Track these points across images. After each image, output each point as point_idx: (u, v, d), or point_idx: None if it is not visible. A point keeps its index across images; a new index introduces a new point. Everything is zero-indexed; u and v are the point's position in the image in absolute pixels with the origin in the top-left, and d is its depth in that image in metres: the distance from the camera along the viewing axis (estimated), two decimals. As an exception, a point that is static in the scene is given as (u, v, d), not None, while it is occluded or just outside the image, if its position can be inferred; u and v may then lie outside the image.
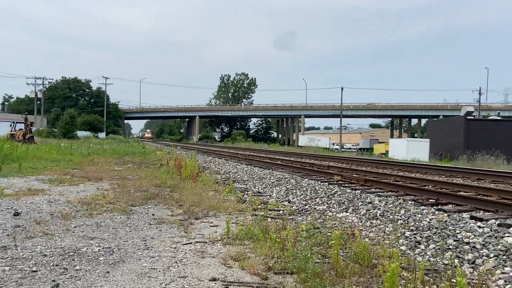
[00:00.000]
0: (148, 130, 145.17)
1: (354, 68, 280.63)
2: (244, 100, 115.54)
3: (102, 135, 70.61)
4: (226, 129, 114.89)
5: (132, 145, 39.21)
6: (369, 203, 7.20)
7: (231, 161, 19.43)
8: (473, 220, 5.61)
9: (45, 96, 76.27)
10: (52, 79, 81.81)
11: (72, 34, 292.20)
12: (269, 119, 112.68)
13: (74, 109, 66.13)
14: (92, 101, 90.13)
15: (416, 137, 75.71)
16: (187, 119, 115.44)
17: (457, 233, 5.24)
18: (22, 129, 35.03)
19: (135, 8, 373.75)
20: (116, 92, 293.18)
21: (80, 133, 60.83)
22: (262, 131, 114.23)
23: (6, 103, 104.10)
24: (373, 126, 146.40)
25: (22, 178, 11.40)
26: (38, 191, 8.92)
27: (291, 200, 8.69)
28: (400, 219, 6.11)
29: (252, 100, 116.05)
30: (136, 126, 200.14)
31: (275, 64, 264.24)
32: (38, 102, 71.58)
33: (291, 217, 7.03)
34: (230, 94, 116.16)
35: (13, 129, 36.45)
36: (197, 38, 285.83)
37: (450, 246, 4.97)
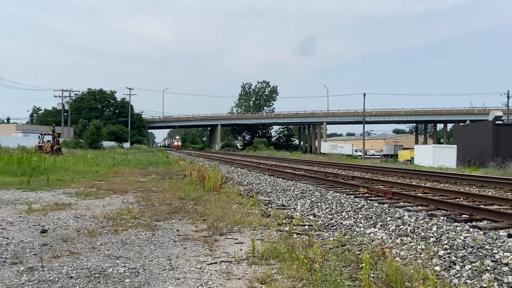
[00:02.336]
0: (177, 137, 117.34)
1: (377, 74, 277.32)
2: (265, 108, 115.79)
3: (126, 145, 71.91)
4: (248, 137, 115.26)
5: (155, 154, 39.73)
6: (398, 218, 6.96)
7: (253, 171, 19.35)
8: (511, 239, 5.32)
9: (71, 108, 78.56)
10: (79, 91, 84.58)
11: (97, 46, 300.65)
12: (290, 126, 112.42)
13: (99, 119, 67.80)
14: (116, 111, 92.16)
15: (442, 143, 73.95)
16: (209, 128, 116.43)
17: (495, 253, 4.97)
18: (50, 141, 36.03)
19: (157, 19, 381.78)
20: (140, 102, 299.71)
21: (105, 143, 62.11)
22: (284, 139, 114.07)
23: (34, 115, 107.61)
24: (397, 131, 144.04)
25: (50, 191, 11.62)
26: (65, 206, 9.05)
27: (316, 214, 8.51)
28: (432, 237, 5.86)
29: (274, 108, 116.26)
30: (160, 135, 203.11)
31: (296, 71, 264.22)
32: (65, 114, 73.75)
33: (317, 233, 6.86)
34: (251, 102, 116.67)
35: (41, 141, 37.56)
36: (219, 47, 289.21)
37: (488, 267, 4.71)
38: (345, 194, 9.87)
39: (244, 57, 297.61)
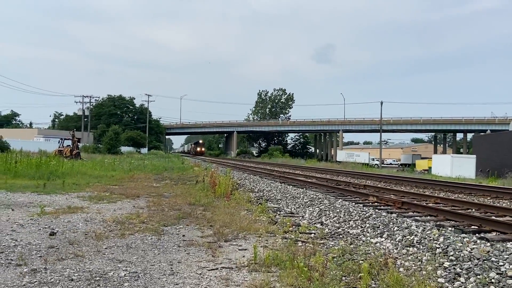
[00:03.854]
0: (200, 141, 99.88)
1: (395, 82, 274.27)
2: (281, 115, 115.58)
3: (144, 150, 72.78)
4: (264, 144, 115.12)
5: (172, 160, 40.11)
6: (406, 228, 6.86)
7: (265, 178, 19.35)
8: (519, 251, 5.17)
9: (91, 113, 80.00)
10: (99, 97, 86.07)
11: (117, 53, 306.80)
12: (306, 134, 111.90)
13: (118, 125, 68.88)
14: (135, 117, 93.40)
15: (461, 153, 72.46)
16: (225, 134, 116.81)
17: (500, 266, 4.86)
18: (70, 146, 36.83)
19: (176, 27, 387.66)
20: (158, 109, 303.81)
21: (123, 149, 63.01)
22: (300, 146, 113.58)
23: (56, 120, 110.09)
24: (415, 140, 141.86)
25: (64, 195, 11.86)
26: (77, 209, 9.23)
27: (324, 222, 8.45)
28: (438, 248, 5.76)
29: (290, 115, 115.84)
30: (177, 141, 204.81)
31: (313, 78, 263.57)
32: (85, 119, 75.21)
33: (322, 241, 6.81)
34: (267, 109, 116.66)
35: (61, 146, 38.40)
36: (236, 54, 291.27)
37: (493, 280, 4.60)
38: (354, 203, 9.78)
39: (261, 64, 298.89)
